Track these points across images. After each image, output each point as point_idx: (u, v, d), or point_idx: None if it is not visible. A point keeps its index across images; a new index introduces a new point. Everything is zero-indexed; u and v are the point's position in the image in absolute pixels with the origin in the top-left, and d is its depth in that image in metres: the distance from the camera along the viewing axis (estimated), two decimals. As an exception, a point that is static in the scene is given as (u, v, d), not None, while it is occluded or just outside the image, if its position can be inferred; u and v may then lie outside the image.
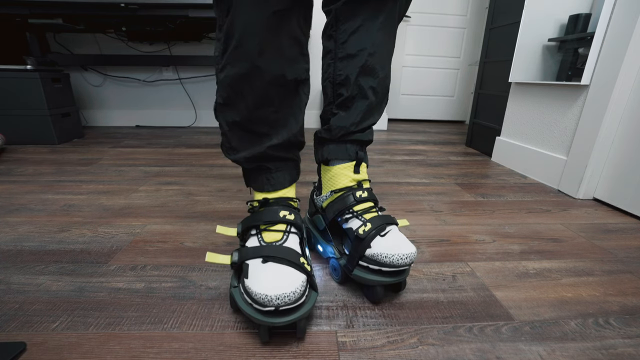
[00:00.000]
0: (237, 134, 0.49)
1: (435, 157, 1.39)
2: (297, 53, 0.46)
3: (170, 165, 1.18)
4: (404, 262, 0.45)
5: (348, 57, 0.53)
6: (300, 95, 0.50)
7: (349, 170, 0.56)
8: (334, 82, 0.55)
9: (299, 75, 0.47)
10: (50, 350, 0.39)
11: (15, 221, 0.72)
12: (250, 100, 0.45)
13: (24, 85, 1.36)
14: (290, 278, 0.39)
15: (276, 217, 0.47)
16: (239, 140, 0.49)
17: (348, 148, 0.56)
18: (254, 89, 0.45)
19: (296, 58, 0.46)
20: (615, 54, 0.81)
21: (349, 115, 0.55)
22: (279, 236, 0.47)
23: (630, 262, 0.61)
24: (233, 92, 0.45)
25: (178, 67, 1.93)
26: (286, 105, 0.48)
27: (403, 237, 0.49)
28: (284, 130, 0.49)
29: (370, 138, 0.58)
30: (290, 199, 0.52)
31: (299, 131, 0.51)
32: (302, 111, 0.51)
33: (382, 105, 0.59)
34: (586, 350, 0.41)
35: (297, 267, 0.41)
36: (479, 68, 1.51)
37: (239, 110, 0.47)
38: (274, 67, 0.44)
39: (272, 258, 0.42)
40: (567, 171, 0.95)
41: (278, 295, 0.37)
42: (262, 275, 0.40)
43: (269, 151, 0.49)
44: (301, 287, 0.39)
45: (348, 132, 0.55)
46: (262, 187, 0.51)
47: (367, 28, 0.51)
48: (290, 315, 0.39)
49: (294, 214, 0.49)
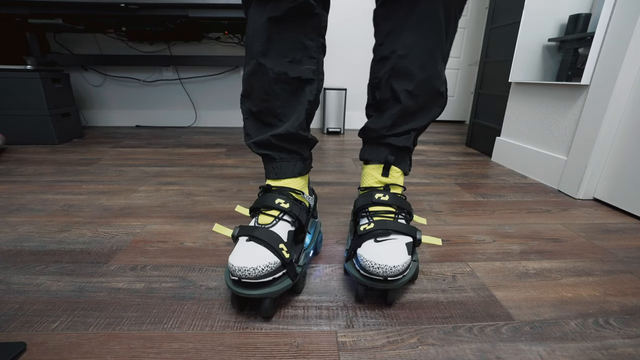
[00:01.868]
0: (252, 122, 0.56)
1: (435, 157, 1.39)
2: (301, 55, 0.51)
3: (170, 165, 1.18)
4: (377, 272, 0.44)
5: (382, 59, 0.53)
6: (305, 93, 0.53)
7: (376, 172, 0.57)
8: (372, 85, 0.57)
9: (303, 74, 0.51)
10: (50, 350, 0.39)
11: (15, 221, 0.72)
12: (260, 93, 0.52)
13: (24, 85, 1.36)
14: (258, 256, 0.43)
15: (272, 203, 0.51)
16: (253, 128, 0.56)
17: (379, 151, 0.57)
18: (261, 84, 0.51)
19: (301, 59, 0.51)
20: (615, 54, 0.81)
21: (380, 118, 0.56)
22: (269, 220, 0.50)
23: (630, 262, 0.61)
24: (249, 86, 0.53)
25: (178, 67, 1.93)
26: (289, 101, 0.53)
27: (396, 251, 0.46)
28: (286, 122, 0.53)
29: (407, 144, 0.56)
30: (293, 190, 0.54)
31: (300, 126, 0.54)
32: (304, 108, 0.54)
33: (429, 109, 0.55)
34: (586, 350, 0.41)
35: (272, 250, 0.45)
36: (478, 68, 1.51)
37: (253, 102, 0.53)
38: (276, 65, 0.50)
39: (254, 238, 0.46)
40: (567, 171, 0.96)
41: (240, 267, 0.42)
42: (239, 251, 0.45)
43: (272, 140, 0.53)
44: (265, 266, 0.43)
45: (379, 135, 0.56)
46: (268, 174, 0.56)
47: (399, 29, 0.51)
48: (253, 290, 0.43)
49: (290, 203, 0.51)
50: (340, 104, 1.85)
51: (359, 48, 1.98)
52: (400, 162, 0.57)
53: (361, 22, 1.93)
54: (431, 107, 0.55)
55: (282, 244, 0.46)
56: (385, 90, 0.54)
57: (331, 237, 0.68)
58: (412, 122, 0.55)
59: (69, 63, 1.80)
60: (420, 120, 0.56)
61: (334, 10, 1.90)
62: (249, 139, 0.56)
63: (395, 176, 0.57)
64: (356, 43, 1.97)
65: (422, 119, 0.56)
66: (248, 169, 1.14)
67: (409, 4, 0.49)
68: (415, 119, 0.55)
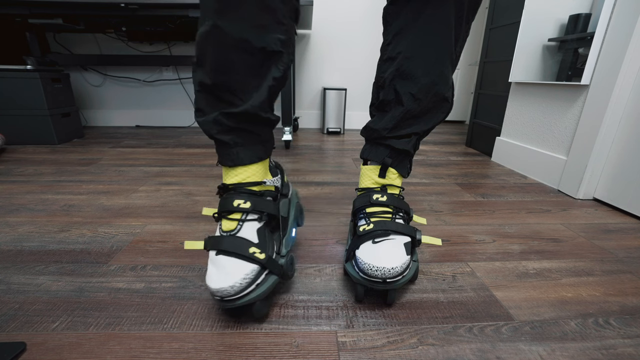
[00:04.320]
0: (204, 95, 0.46)
1: (435, 157, 1.39)
2: (268, 20, 0.42)
3: (170, 165, 1.18)
4: (375, 275, 0.44)
5: (389, 59, 0.52)
6: (270, 69, 0.45)
7: (374, 172, 0.56)
8: (377, 84, 0.56)
9: (269, 45, 0.43)
10: (50, 350, 0.39)
11: (15, 221, 0.72)
12: (214, 62, 0.43)
13: (24, 85, 1.36)
14: (231, 272, 0.41)
15: (231, 206, 0.46)
16: (205, 103, 0.47)
17: (379, 151, 0.56)
18: (216, 51, 0.42)
19: (267, 26, 0.42)
20: (615, 54, 0.81)
21: (382, 119, 0.55)
22: (233, 225, 0.46)
23: (631, 262, 0.61)
24: (200, 52, 0.43)
25: (178, 67, 1.93)
26: (251, 75, 0.45)
27: (394, 252, 0.46)
28: (246, 100, 0.46)
29: (406, 147, 0.54)
30: (251, 184, 0.48)
31: (260, 106, 0.46)
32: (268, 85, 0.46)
33: (432, 114, 0.54)
34: (586, 350, 0.41)
35: (244, 258, 0.43)
36: (478, 68, 1.51)
37: (206, 72, 0.44)
38: (235, 30, 0.41)
39: (222, 251, 0.44)
40: (567, 171, 0.95)
41: (217, 290, 0.40)
42: (211, 270, 0.43)
43: (226, 119, 0.45)
44: (242, 279, 0.41)
45: (380, 136, 0.55)
46: (222, 160, 0.49)
47: (408, 29, 0.49)
48: (239, 300, 0.41)
49: (251, 201, 0.47)
50: (340, 104, 1.85)
51: (359, 48, 1.98)
52: (398, 164, 0.56)
53: (361, 22, 1.93)
54: (435, 112, 0.54)
55: (252, 247, 0.43)
56: (389, 91, 0.53)
57: (331, 237, 0.68)
58: (414, 126, 0.54)
59: (69, 63, 1.80)
60: (423, 124, 0.54)
61: (334, 10, 1.90)
62: (199, 115, 0.47)
63: (392, 178, 0.56)
64: (356, 43, 1.97)
65: (424, 123, 0.54)
66: (248, 169, 1.14)
67: (419, 4, 0.48)
68: (417, 122, 0.54)
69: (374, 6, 1.90)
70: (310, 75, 2.02)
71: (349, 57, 2.00)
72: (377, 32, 1.94)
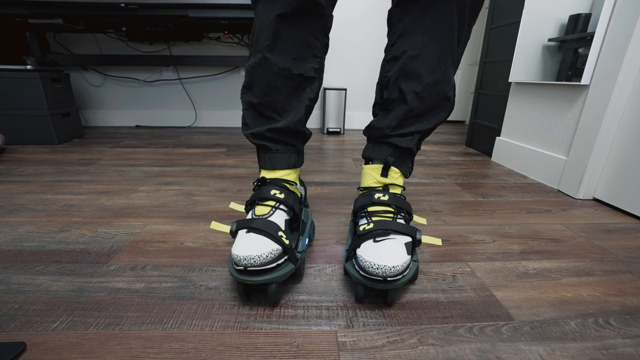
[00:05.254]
0: (251, 113, 0.56)
1: (435, 157, 1.39)
2: (306, 53, 0.52)
3: (170, 165, 1.18)
4: (376, 273, 0.44)
5: (393, 59, 0.54)
6: (305, 91, 0.55)
7: (376, 172, 0.57)
8: (380, 84, 0.57)
9: (305, 72, 0.53)
10: (50, 350, 0.39)
11: (15, 221, 0.72)
12: (262, 86, 0.53)
13: (24, 85, 1.36)
14: (260, 245, 0.45)
15: (267, 194, 0.52)
16: (252, 119, 0.57)
17: (382, 150, 0.57)
18: (264, 78, 0.52)
19: (305, 58, 0.52)
20: (615, 54, 0.81)
21: (386, 118, 0.56)
22: (266, 210, 0.52)
23: (631, 262, 0.61)
24: (251, 78, 0.53)
25: (178, 67, 1.93)
26: (291, 97, 0.54)
27: (395, 251, 0.46)
28: (286, 117, 0.55)
29: (409, 146, 0.56)
30: (287, 181, 0.56)
31: (299, 122, 0.55)
32: (304, 105, 0.56)
33: (435, 113, 0.55)
34: (586, 350, 0.41)
35: (272, 238, 0.46)
36: (478, 68, 1.51)
37: (254, 94, 0.54)
38: (280, 61, 0.51)
39: (253, 229, 0.48)
40: (567, 171, 0.95)
41: (245, 257, 0.43)
42: (241, 242, 0.46)
43: (271, 133, 0.55)
44: (269, 253, 0.44)
45: (383, 134, 0.56)
46: (264, 164, 0.57)
47: (412, 30, 0.51)
48: (259, 276, 0.44)
49: (285, 194, 0.53)
50: (340, 104, 1.85)
51: (359, 48, 1.98)
52: (401, 163, 0.57)
53: (362, 22, 1.93)
54: (437, 110, 0.55)
55: (281, 232, 0.48)
56: (393, 90, 0.54)
57: (331, 237, 0.68)
58: (417, 125, 0.55)
59: (69, 63, 1.80)
60: (426, 122, 0.56)
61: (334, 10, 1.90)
62: (247, 129, 0.57)
63: (394, 177, 0.56)
64: (356, 43, 1.97)
65: (427, 121, 0.56)
66: (248, 169, 1.14)
67: (423, 6, 0.49)
68: (420, 121, 0.55)
69: (374, 6, 1.90)
70: (310, 75, 2.02)
71: (349, 57, 2.00)
72: (377, 32, 1.94)
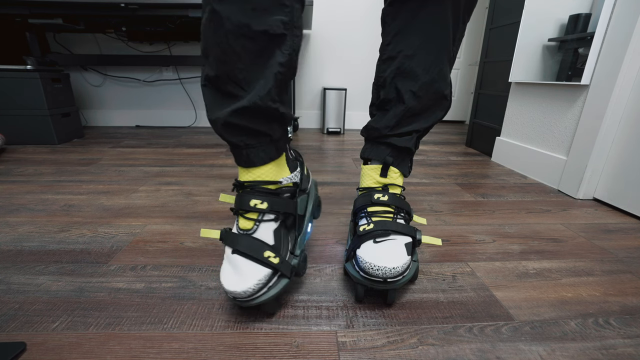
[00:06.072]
0: (209, 91, 0.44)
1: (435, 157, 1.39)
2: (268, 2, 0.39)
3: (170, 165, 1.18)
4: (376, 274, 0.44)
5: (388, 59, 0.53)
6: (274, 54, 0.41)
7: (375, 172, 0.56)
8: (377, 84, 0.56)
9: (271, 28, 0.40)
10: (50, 350, 0.39)
11: (15, 221, 0.72)
12: (216, 52, 0.40)
13: (24, 85, 1.36)
14: (245, 276, 0.42)
15: (246, 206, 0.46)
16: (211, 99, 0.44)
17: (380, 150, 0.56)
18: (217, 39, 0.40)
19: (268, 7, 0.39)
20: (615, 54, 0.81)
21: (383, 118, 0.55)
22: (250, 225, 0.46)
23: (631, 262, 0.61)
24: (204, 43, 0.41)
25: (178, 67, 1.93)
26: (254, 64, 0.41)
27: (395, 251, 0.46)
28: (250, 91, 0.42)
29: (408, 145, 0.55)
30: (268, 182, 0.47)
31: (268, 95, 0.42)
32: (273, 72, 0.42)
33: (432, 111, 0.55)
34: (586, 350, 0.41)
35: (259, 262, 0.44)
36: (478, 68, 1.51)
37: (210, 64, 0.42)
38: (235, 14, 0.38)
39: (237, 251, 0.45)
40: (567, 171, 0.95)
41: (231, 292, 0.42)
42: (226, 268, 0.44)
43: (234, 118, 0.43)
44: (255, 284, 0.42)
45: (381, 134, 0.55)
46: (237, 161, 0.48)
47: (407, 29, 0.50)
48: (250, 302, 0.43)
49: (268, 201, 0.46)
50: (340, 104, 1.85)
51: (359, 48, 1.98)
52: (400, 163, 0.57)
53: (361, 22, 1.93)
54: (434, 109, 0.55)
55: (267, 251, 0.44)
56: (389, 89, 0.54)
57: (331, 237, 0.68)
58: (415, 124, 0.55)
59: (69, 63, 1.80)
60: (423, 121, 0.55)
61: (334, 10, 1.90)
62: (209, 113, 0.45)
63: (393, 177, 0.56)
64: (356, 43, 1.97)
65: (424, 120, 0.55)
66: (248, 169, 1.14)
67: (417, 5, 0.48)
68: (417, 120, 0.55)
69: (374, 6, 1.90)
70: (310, 75, 2.02)
71: (349, 57, 2.00)
72: (377, 32, 1.94)
